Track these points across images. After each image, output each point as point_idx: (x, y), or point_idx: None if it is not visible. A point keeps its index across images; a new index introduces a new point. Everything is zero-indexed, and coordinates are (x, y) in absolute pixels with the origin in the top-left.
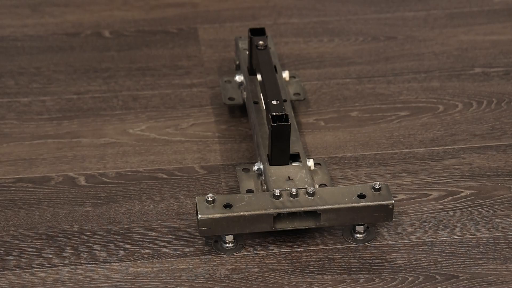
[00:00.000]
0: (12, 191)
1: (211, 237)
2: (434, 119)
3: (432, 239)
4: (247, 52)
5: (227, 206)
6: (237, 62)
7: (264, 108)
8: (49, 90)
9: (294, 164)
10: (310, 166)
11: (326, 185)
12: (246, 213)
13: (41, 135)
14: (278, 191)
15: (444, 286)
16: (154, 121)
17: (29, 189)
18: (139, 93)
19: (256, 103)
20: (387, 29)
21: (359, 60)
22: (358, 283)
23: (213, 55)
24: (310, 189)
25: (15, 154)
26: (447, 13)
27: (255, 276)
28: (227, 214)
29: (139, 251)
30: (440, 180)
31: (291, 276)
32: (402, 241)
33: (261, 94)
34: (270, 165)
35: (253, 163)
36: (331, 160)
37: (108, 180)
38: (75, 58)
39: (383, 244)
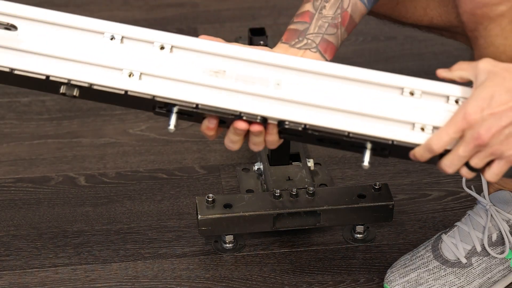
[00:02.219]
0: (12, 191)
1: (211, 237)
2: None
3: None
4: None
5: (227, 206)
6: None
7: None
8: None
9: (294, 164)
10: (310, 166)
11: (326, 185)
12: (246, 213)
13: (41, 135)
14: (278, 191)
15: None
16: (154, 121)
17: (29, 189)
18: None
19: None
20: (387, 29)
21: (359, 60)
22: (358, 283)
23: None
24: (310, 189)
25: (15, 154)
26: None
27: (255, 276)
28: (227, 214)
29: (139, 251)
30: (440, 180)
31: (291, 276)
32: (402, 241)
33: None
34: (270, 165)
35: (253, 163)
36: (331, 160)
37: (108, 180)
38: None
39: (383, 244)
